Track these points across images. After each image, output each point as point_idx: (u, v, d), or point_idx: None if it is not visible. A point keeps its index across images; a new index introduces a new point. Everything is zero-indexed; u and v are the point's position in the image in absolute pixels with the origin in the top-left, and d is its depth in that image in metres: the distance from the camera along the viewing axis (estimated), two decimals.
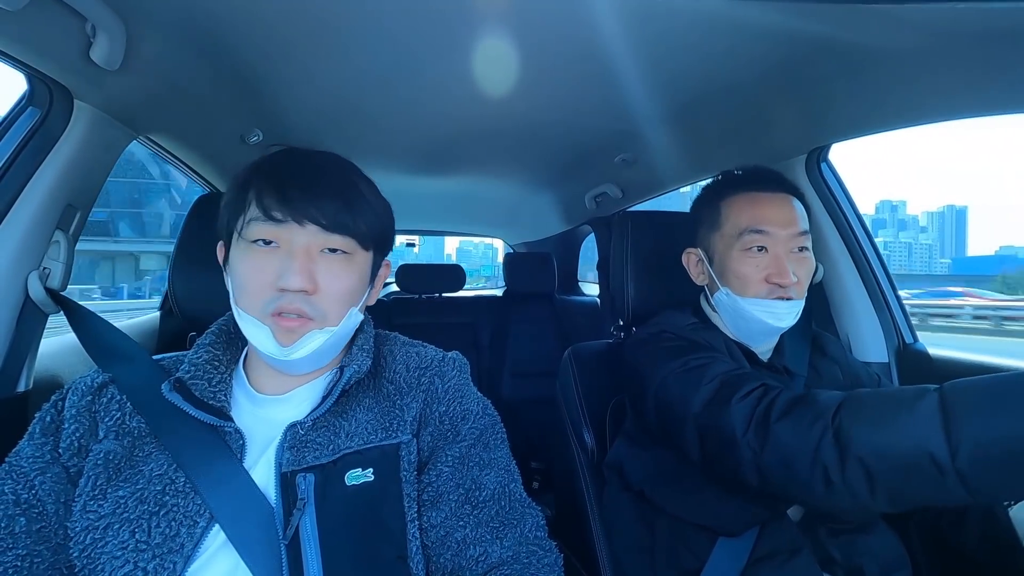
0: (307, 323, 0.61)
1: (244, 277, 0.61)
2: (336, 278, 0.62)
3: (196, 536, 0.57)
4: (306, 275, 0.60)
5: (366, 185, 0.68)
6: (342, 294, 0.63)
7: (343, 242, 0.63)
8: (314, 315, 0.61)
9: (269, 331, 0.60)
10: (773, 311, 0.86)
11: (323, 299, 0.61)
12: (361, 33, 0.93)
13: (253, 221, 0.61)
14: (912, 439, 0.55)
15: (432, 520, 0.63)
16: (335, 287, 0.62)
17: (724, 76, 1.06)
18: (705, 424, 0.73)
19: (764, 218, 0.87)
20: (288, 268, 0.59)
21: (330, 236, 0.62)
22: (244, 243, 0.62)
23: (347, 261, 0.64)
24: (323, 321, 0.62)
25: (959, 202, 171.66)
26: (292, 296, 0.60)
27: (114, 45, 0.79)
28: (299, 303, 0.60)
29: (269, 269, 0.60)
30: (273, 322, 0.60)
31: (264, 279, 0.60)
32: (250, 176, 0.64)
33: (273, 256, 0.61)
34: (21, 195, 0.82)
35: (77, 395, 0.63)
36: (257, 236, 0.61)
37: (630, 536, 0.91)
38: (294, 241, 0.61)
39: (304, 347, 0.61)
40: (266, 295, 0.60)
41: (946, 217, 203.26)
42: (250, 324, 0.61)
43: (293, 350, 0.61)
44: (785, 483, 0.64)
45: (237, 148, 1.42)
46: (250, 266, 0.61)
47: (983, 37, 0.77)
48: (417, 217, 2.96)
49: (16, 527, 0.57)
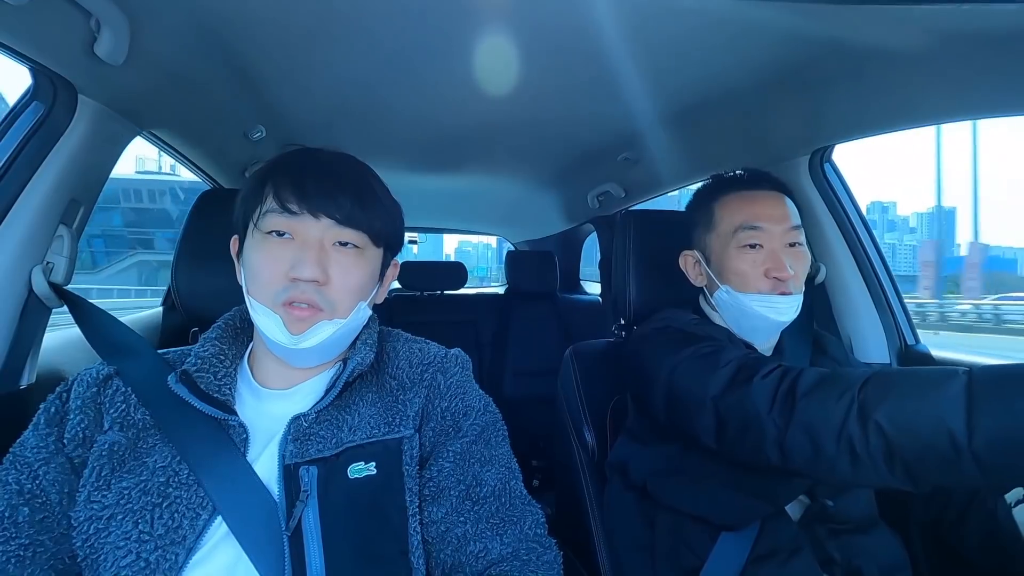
0: (317, 313, 0.62)
1: (258, 267, 0.63)
2: (347, 271, 0.64)
3: (198, 528, 0.58)
4: (318, 266, 0.61)
5: (379, 185, 0.70)
6: (352, 287, 0.64)
7: (355, 236, 0.64)
8: (324, 306, 0.62)
9: (280, 320, 0.61)
10: (774, 306, 0.87)
11: (333, 291, 0.63)
12: (365, 30, 0.93)
13: (269, 213, 0.62)
14: (933, 416, 0.55)
15: (433, 516, 0.63)
16: (346, 280, 0.63)
17: (727, 77, 1.06)
18: (726, 405, 0.73)
19: (757, 215, 0.89)
20: (301, 258, 0.61)
21: (343, 230, 0.63)
22: (259, 234, 0.63)
23: (358, 255, 0.65)
24: (332, 312, 0.63)
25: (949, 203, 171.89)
26: (304, 286, 0.61)
27: (118, 40, 0.79)
28: (311, 293, 0.61)
29: (283, 259, 0.61)
30: (284, 311, 0.61)
31: (278, 269, 0.61)
32: (268, 171, 0.65)
33: (287, 247, 0.62)
34: (25, 190, 0.82)
35: (83, 386, 0.64)
36: (272, 227, 0.62)
37: (630, 535, 0.91)
38: (308, 233, 0.62)
39: (313, 337, 0.62)
40: (278, 284, 0.61)
41: (935, 218, 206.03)
42: (262, 313, 0.62)
43: (302, 339, 0.62)
44: (811, 457, 0.64)
45: (240, 144, 1.42)
46: (264, 256, 0.63)
47: (987, 38, 0.77)
48: (419, 215, 2.96)
49: (19, 517, 0.57)
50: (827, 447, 0.62)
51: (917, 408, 0.57)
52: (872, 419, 0.58)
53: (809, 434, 0.63)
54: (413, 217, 3.07)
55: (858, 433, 0.59)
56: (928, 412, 0.56)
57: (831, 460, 0.62)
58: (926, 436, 0.55)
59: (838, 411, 0.61)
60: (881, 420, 0.58)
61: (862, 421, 0.59)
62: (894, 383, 0.60)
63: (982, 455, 0.53)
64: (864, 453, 0.59)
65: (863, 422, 0.59)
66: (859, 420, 0.59)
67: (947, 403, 0.55)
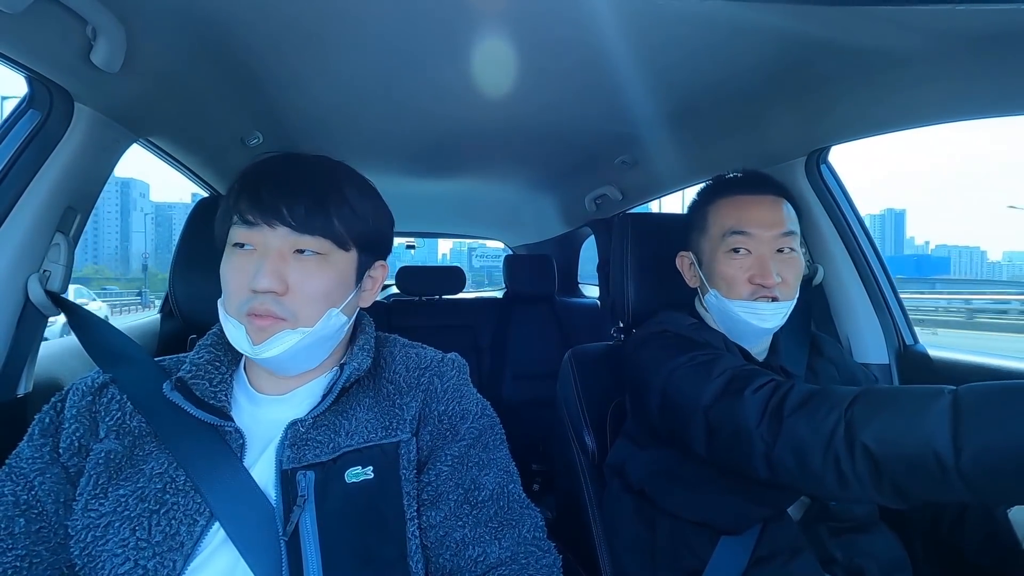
0: (278, 323, 0.61)
1: (226, 279, 0.63)
2: (309, 278, 0.62)
3: (196, 534, 0.58)
4: (275, 276, 0.60)
5: (352, 186, 0.67)
6: (315, 295, 0.63)
7: (315, 243, 0.63)
8: (285, 315, 0.61)
9: (244, 330, 0.61)
10: (757, 312, 0.87)
11: (294, 300, 0.62)
12: (361, 35, 0.93)
13: (233, 226, 0.63)
14: (920, 436, 0.56)
15: (431, 520, 0.63)
16: (307, 288, 0.62)
17: (724, 79, 1.07)
18: (716, 416, 0.73)
19: (746, 220, 0.88)
20: (259, 270, 0.60)
21: (300, 237, 0.62)
22: (228, 247, 0.64)
23: (321, 262, 0.63)
24: (295, 321, 0.62)
25: (899, 205, 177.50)
26: (263, 297, 0.60)
27: (114, 48, 0.79)
28: (268, 303, 0.61)
29: (244, 271, 0.61)
30: (248, 321, 0.61)
31: (240, 280, 0.61)
32: (236, 182, 0.65)
33: (249, 258, 0.62)
34: (22, 198, 0.82)
35: (77, 395, 0.64)
36: (236, 240, 0.63)
37: (631, 537, 0.91)
38: (268, 243, 0.61)
39: (275, 346, 0.61)
40: (242, 296, 0.61)
41: (886, 220, 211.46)
42: (229, 323, 0.63)
43: (263, 348, 0.61)
44: (797, 474, 0.64)
45: (237, 151, 1.42)
46: (230, 268, 0.63)
47: (982, 39, 0.77)
48: (417, 219, 2.96)
49: (15, 528, 0.57)
50: (814, 464, 0.62)
51: (903, 428, 0.57)
52: (859, 439, 0.59)
53: (796, 451, 0.64)
54: (410, 222, 3.07)
55: (844, 452, 0.60)
56: (914, 432, 0.56)
57: (818, 477, 0.62)
58: (913, 456, 0.56)
59: (824, 429, 0.62)
60: (867, 440, 0.58)
61: (849, 440, 0.60)
62: (881, 402, 0.61)
63: (969, 474, 0.53)
64: (850, 472, 0.59)
65: (850, 441, 0.59)
66: (846, 439, 0.60)
67: (933, 423, 0.55)
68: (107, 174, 0.98)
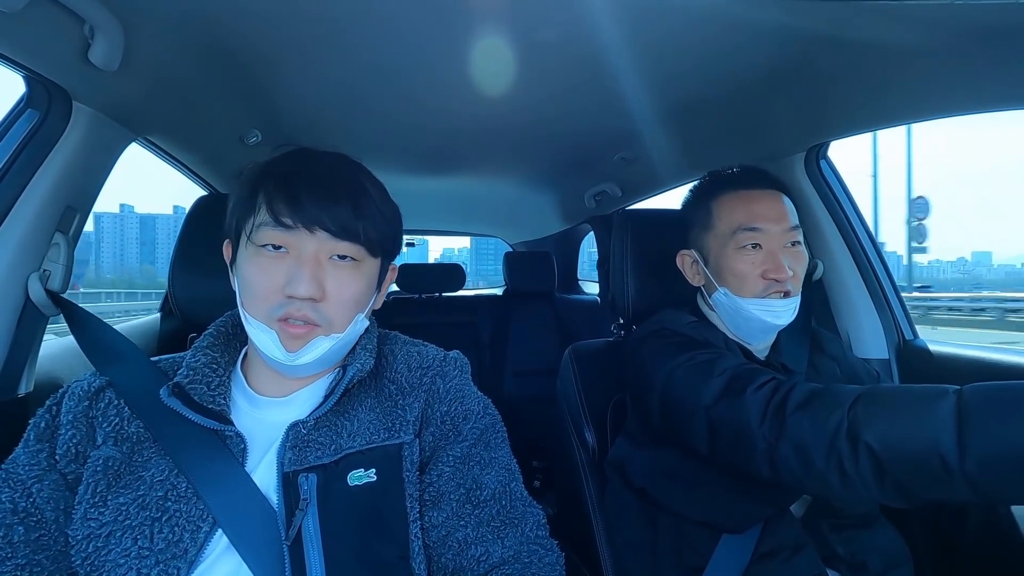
0: (313, 330, 0.61)
1: (252, 282, 0.61)
2: (344, 285, 0.62)
3: (199, 541, 0.57)
4: (315, 283, 0.59)
5: (376, 189, 0.67)
6: (349, 301, 0.63)
7: (352, 249, 0.62)
8: (320, 322, 0.61)
9: (276, 336, 0.60)
10: (771, 309, 0.87)
11: (330, 306, 0.61)
12: (358, 33, 0.93)
13: (263, 226, 0.60)
14: (924, 437, 0.55)
15: (433, 520, 0.63)
16: (343, 294, 0.62)
17: (723, 74, 1.06)
18: (717, 416, 0.73)
19: (757, 215, 0.88)
20: (297, 275, 0.59)
21: (339, 243, 0.61)
22: (253, 247, 0.61)
23: (355, 268, 0.63)
24: (329, 328, 0.62)
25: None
26: (300, 303, 0.59)
27: (112, 46, 0.79)
28: (306, 310, 0.60)
29: (278, 275, 0.60)
30: (280, 328, 0.60)
31: (273, 284, 0.60)
32: (260, 178, 0.63)
33: (282, 262, 0.60)
34: (21, 197, 0.81)
35: (73, 400, 0.62)
36: (267, 241, 0.60)
37: (632, 534, 0.91)
38: (303, 248, 0.60)
39: (310, 353, 0.61)
40: (273, 301, 0.60)
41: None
42: (257, 329, 0.61)
43: (299, 356, 0.60)
44: (799, 474, 0.64)
45: (236, 149, 1.42)
46: (259, 271, 0.61)
47: (982, 33, 0.77)
48: (416, 216, 2.95)
49: (14, 536, 0.56)
50: (817, 464, 0.62)
51: (908, 429, 0.57)
52: (862, 439, 0.58)
53: (798, 450, 0.63)
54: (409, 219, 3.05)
55: (847, 452, 0.59)
56: (919, 433, 0.56)
57: (821, 476, 0.62)
58: (917, 456, 0.56)
59: (828, 429, 0.61)
60: (871, 440, 0.58)
61: (852, 440, 0.59)
62: (884, 402, 0.60)
63: (974, 475, 0.53)
64: (853, 471, 0.59)
65: (853, 441, 0.59)
66: (848, 439, 0.60)
67: (938, 423, 0.55)
68: (106, 173, 0.98)
